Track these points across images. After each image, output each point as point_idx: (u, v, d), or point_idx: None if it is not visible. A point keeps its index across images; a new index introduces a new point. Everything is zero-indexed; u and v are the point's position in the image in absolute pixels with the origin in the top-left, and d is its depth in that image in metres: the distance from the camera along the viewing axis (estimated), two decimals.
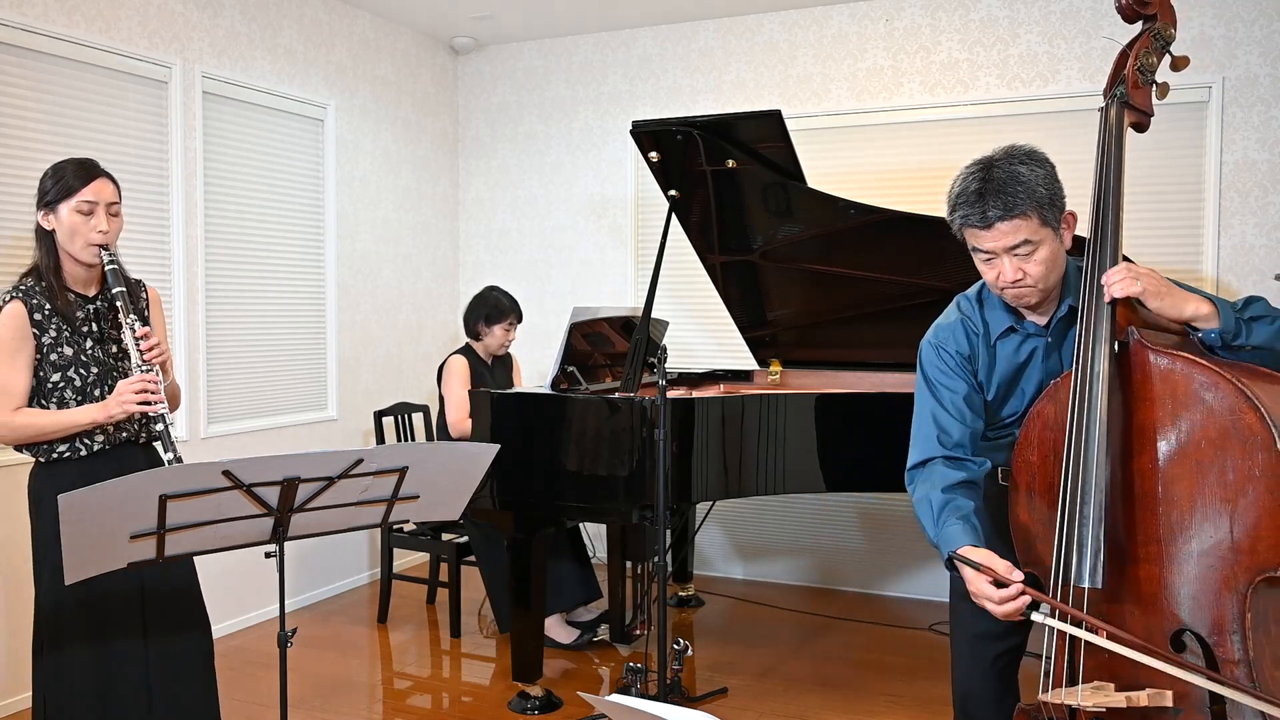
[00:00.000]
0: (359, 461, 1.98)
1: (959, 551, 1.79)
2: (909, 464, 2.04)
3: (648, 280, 3.63)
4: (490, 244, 5.76)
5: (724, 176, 3.65)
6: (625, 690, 3.34)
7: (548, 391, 3.44)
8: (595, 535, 4.72)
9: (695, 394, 3.72)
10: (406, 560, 5.34)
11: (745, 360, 4.53)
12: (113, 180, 2.41)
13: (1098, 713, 1.66)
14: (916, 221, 3.50)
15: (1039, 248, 1.85)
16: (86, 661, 2.36)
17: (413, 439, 4.93)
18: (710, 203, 3.79)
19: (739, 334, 4.29)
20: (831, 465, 3.40)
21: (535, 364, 5.45)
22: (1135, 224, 4.34)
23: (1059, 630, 1.71)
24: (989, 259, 1.89)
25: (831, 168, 4.74)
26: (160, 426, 2.29)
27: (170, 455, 2.27)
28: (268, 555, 2.07)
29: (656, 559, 3.18)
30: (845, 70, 4.88)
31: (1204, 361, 1.65)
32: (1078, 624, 1.65)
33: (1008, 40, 4.59)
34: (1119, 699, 1.63)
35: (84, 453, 2.36)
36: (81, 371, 2.36)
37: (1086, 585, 1.66)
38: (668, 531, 3.34)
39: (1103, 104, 1.92)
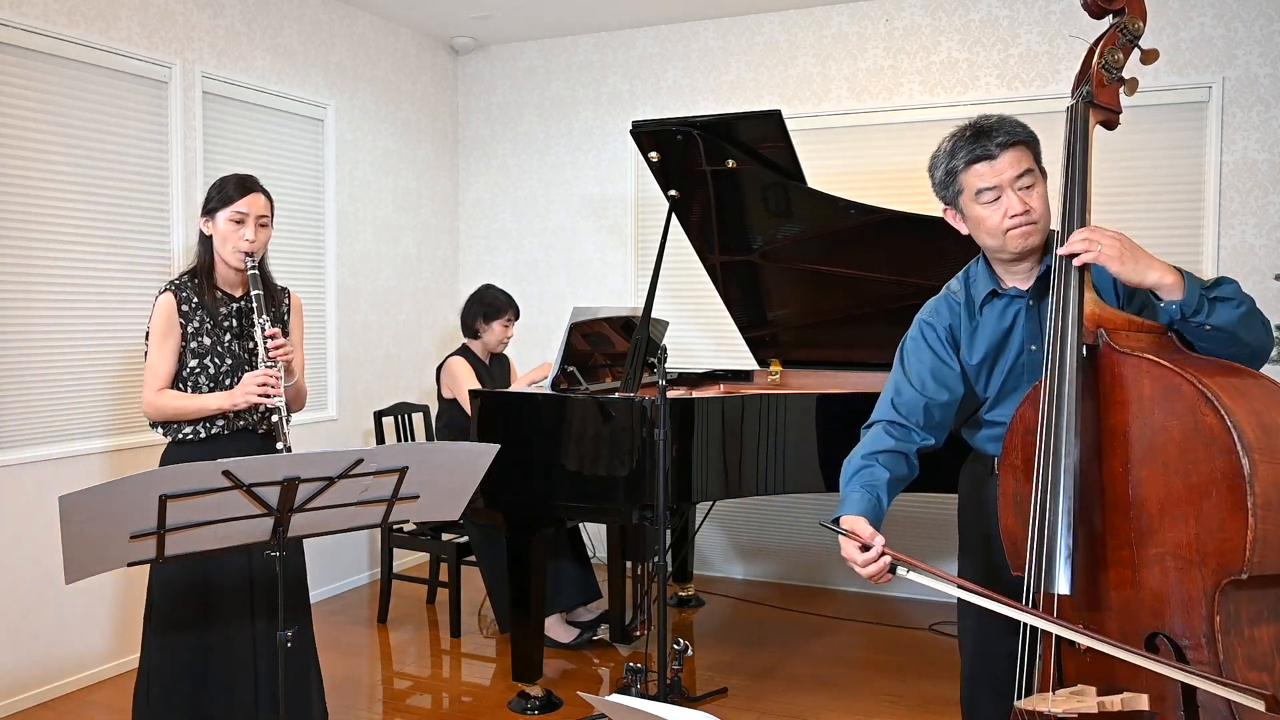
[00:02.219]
0: (359, 461, 1.98)
1: (834, 521, 1.88)
2: (864, 424, 2.14)
3: (648, 280, 3.63)
4: (490, 244, 5.76)
5: (724, 176, 3.65)
6: (625, 690, 3.34)
7: (547, 392, 3.44)
8: (595, 535, 4.72)
9: (695, 394, 3.72)
10: (406, 560, 5.34)
11: (745, 360, 4.53)
12: (266, 195, 2.66)
13: (1071, 718, 1.65)
14: (916, 221, 3.50)
15: (1037, 184, 1.91)
16: (195, 643, 2.53)
17: (413, 439, 4.93)
18: (710, 203, 3.79)
19: (739, 334, 4.29)
20: (831, 465, 3.39)
21: (535, 364, 5.45)
22: (1135, 224, 4.34)
23: (1044, 636, 1.73)
24: (994, 198, 1.92)
25: (831, 168, 4.74)
26: (275, 418, 2.52)
27: (282, 445, 2.51)
28: (268, 555, 2.07)
29: (656, 559, 3.18)
30: (845, 70, 4.88)
31: (1166, 363, 1.62)
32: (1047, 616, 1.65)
33: (1008, 40, 4.59)
34: (1092, 704, 1.62)
35: (203, 435, 2.58)
36: (216, 361, 2.60)
37: (1057, 592, 1.66)
38: (668, 531, 3.34)
39: (1070, 103, 1.90)
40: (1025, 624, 1.78)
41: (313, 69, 4.73)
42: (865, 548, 1.79)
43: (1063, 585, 1.65)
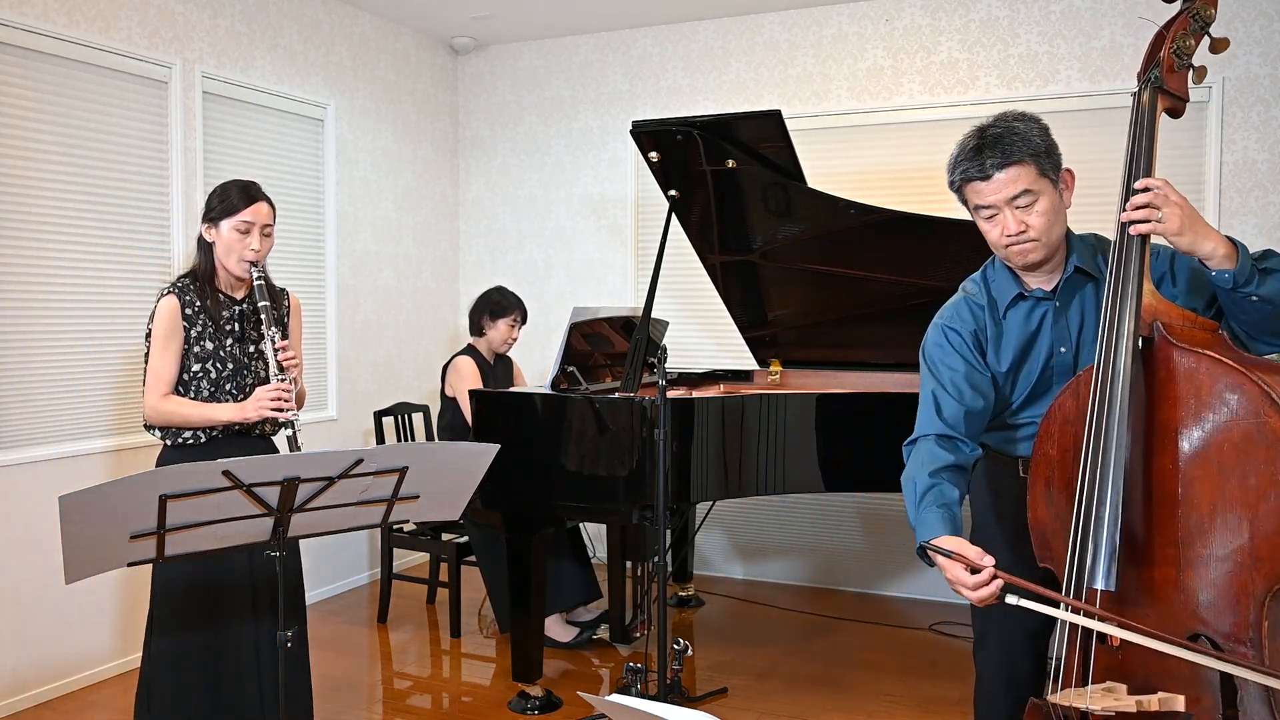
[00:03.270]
0: (359, 461, 1.98)
1: (932, 541, 1.78)
2: (907, 440, 2.06)
3: (648, 280, 3.63)
4: (490, 244, 5.76)
5: (724, 176, 3.65)
6: (625, 690, 3.34)
7: (547, 391, 3.44)
8: (595, 535, 4.72)
9: (695, 394, 3.72)
10: (406, 560, 5.34)
11: (745, 360, 4.53)
12: (270, 203, 2.64)
13: (1107, 716, 1.62)
14: (916, 221, 3.50)
15: (1039, 199, 1.87)
16: (197, 643, 2.53)
17: (413, 439, 4.93)
18: (710, 203, 3.79)
19: (739, 334, 4.29)
20: (831, 465, 3.40)
21: (535, 364, 5.45)
22: None
23: (1071, 629, 1.70)
24: (992, 215, 1.91)
25: (831, 168, 4.74)
26: (289, 431, 2.51)
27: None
28: (267, 555, 2.07)
29: (656, 559, 3.18)
30: (845, 70, 4.88)
31: (1229, 361, 1.59)
32: (1073, 612, 1.63)
33: (1008, 40, 4.59)
34: (1129, 703, 1.59)
35: (204, 439, 2.58)
36: (218, 365, 2.59)
37: (1100, 587, 1.63)
38: (668, 531, 3.33)
39: (1135, 89, 1.85)
40: (1056, 625, 1.75)
41: (313, 69, 4.73)
42: (973, 570, 1.69)
43: (1104, 581, 1.62)
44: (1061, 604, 1.63)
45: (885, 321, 3.86)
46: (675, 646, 3.48)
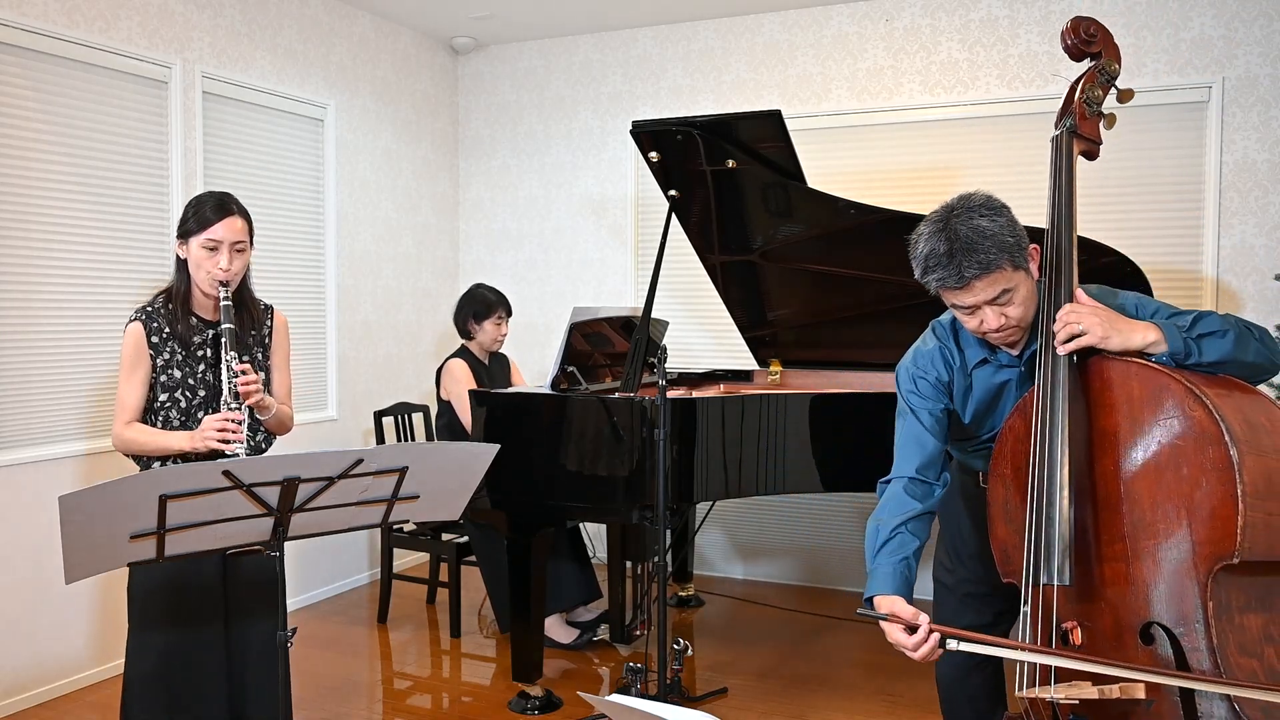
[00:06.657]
0: (359, 461, 1.98)
1: (867, 607, 1.88)
2: (883, 478, 2.11)
3: (648, 280, 3.63)
4: (490, 244, 5.76)
5: (724, 176, 3.65)
6: (625, 690, 3.34)
7: (547, 391, 3.44)
8: (595, 535, 4.72)
9: (695, 394, 3.72)
10: (406, 560, 5.34)
11: (745, 360, 4.53)
12: (245, 218, 2.49)
13: (1073, 705, 1.71)
14: (917, 221, 3.47)
15: (1016, 291, 1.88)
16: (167, 642, 2.49)
17: (413, 439, 4.93)
18: (710, 203, 3.79)
19: (739, 334, 4.29)
20: (831, 465, 3.40)
21: (535, 363, 5.45)
22: (1135, 224, 4.34)
23: (1031, 632, 1.79)
24: (971, 311, 1.92)
25: (831, 168, 4.74)
26: None
27: None
28: (267, 555, 2.07)
29: (656, 559, 3.18)
30: (845, 70, 4.88)
31: (1156, 366, 1.73)
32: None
33: (1008, 40, 4.59)
34: (1092, 692, 1.69)
35: (167, 463, 2.49)
36: (187, 394, 2.48)
37: (1055, 583, 1.73)
38: (668, 531, 3.34)
39: (1055, 133, 2.01)
40: (1024, 617, 1.82)
41: (313, 69, 4.73)
42: (910, 629, 1.76)
43: (1060, 576, 1.72)
44: (999, 646, 1.69)
45: (885, 321, 3.86)
46: (675, 646, 3.48)
